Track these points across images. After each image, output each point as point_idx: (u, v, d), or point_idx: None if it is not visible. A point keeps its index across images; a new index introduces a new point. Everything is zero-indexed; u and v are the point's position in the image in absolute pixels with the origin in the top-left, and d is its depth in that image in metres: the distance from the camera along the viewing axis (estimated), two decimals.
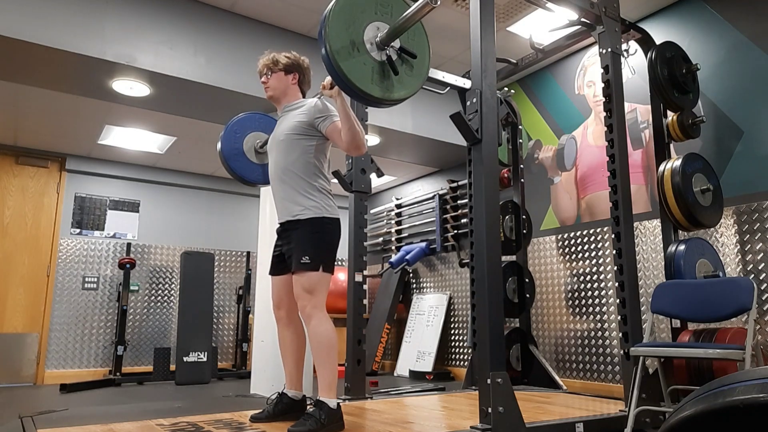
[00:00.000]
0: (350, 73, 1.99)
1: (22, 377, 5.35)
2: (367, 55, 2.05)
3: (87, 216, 5.97)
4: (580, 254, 4.42)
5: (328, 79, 2.20)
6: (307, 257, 2.27)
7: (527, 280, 4.24)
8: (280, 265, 2.46)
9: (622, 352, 2.84)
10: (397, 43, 2.13)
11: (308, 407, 2.38)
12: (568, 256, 4.52)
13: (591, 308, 4.29)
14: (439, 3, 1.93)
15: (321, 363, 2.24)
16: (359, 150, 2.31)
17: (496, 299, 2.32)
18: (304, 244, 2.30)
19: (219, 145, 2.81)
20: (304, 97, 2.59)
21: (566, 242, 4.55)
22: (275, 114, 2.71)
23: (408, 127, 4.94)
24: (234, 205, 6.85)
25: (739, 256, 3.45)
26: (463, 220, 5.70)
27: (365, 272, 3.39)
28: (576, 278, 4.43)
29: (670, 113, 3.62)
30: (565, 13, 3.29)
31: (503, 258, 3.33)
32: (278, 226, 2.47)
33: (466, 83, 4.03)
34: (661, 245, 3.54)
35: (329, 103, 2.38)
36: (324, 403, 2.17)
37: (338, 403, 2.21)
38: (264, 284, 4.03)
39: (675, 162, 3.33)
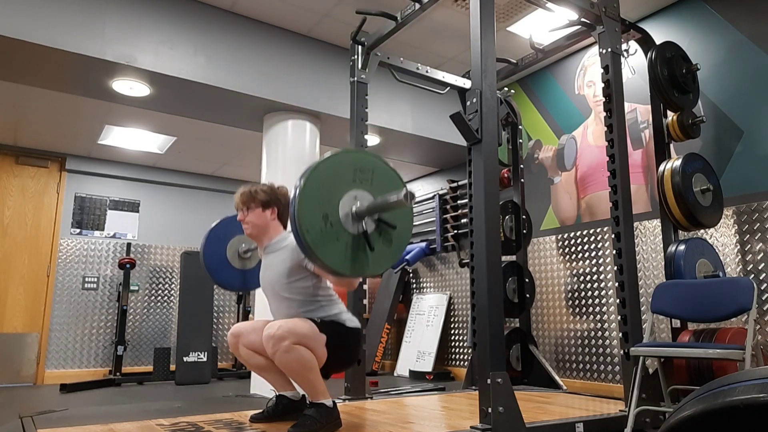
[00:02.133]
0: (323, 255, 1.86)
1: (22, 377, 5.35)
2: (341, 229, 1.91)
3: (87, 216, 5.97)
4: (580, 254, 4.42)
5: None
6: (318, 320, 2.22)
7: (527, 280, 4.24)
8: None
9: (622, 352, 2.84)
10: (375, 215, 2.00)
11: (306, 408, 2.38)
12: (568, 256, 4.52)
13: (591, 308, 4.29)
14: (413, 204, 1.88)
15: (303, 383, 2.17)
16: (351, 287, 2.25)
17: (496, 299, 2.31)
18: (320, 320, 2.24)
19: (201, 254, 2.72)
20: (285, 227, 2.49)
21: (566, 242, 4.55)
22: None
23: (408, 127, 4.94)
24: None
25: (739, 256, 3.45)
26: (463, 220, 5.70)
27: None
28: (576, 278, 4.43)
29: (670, 113, 3.62)
30: (565, 13, 3.29)
31: (503, 258, 3.33)
32: None
33: (466, 83, 4.03)
34: (661, 245, 3.54)
35: None
36: (321, 403, 2.16)
37: (334, 402, 2.21)
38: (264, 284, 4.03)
39: (675, 162, 3.33)
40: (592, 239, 4.36)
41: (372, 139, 5.03)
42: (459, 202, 5.82)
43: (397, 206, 1.92)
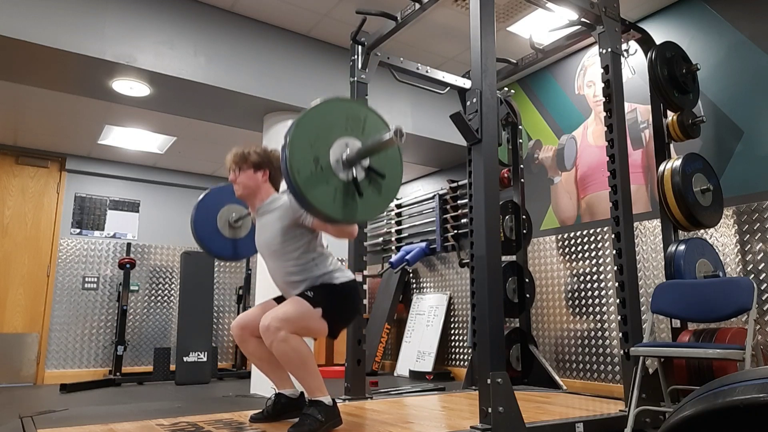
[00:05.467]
0: (312, 196, 1.85)
1: (22, 377, 5.35)
2: (331, 174, 1.90)
3: (87, 216, 5.97)
4: (580, 254, 4.42)
5: None
6: (311, 293, 2.23)
7: (527, 280, 4.24)
8: (282, 299, 2.41)
9: (622, 352, 2.84)
10: (366, 162, 1.99)
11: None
12: (568, 256, 4.52)
13: (591, 308, 4.28)
14: (403, 141, 1.86)
15: (302, 377, 2.18)
16: (351, 236, 2.24)
17: (496, 299, 2.31)
18: (312, 287, 2.26)
19: (192, 221, 2.72)
20: (277, 189, 2.47)
21: (566, 242, 4.55)
22: None
23: (408, 127, 4.94)
24: None
25: (739, 256, 3.45)
26: (463, 220, 5.70)
27: (365, 272, 3.39)
28: (576, 278, 4.43)
29: (670, 113, 3.62)
30: (565, 13, 3.29)
31: (503, 258, 3.33)
32: None
33: (466, 83, 4.03)
34: (661, 245, 3.54)
35: None
36: (320, 401, 2.16)
37: (333, 400, 2.21)
38: (264, 284, 4.04)
39: (675, 162, 3.33)
40: (592, 239, 4.36)
41: None
42: (459, 202, 5.82)
43: (388, 145, 1.92)
